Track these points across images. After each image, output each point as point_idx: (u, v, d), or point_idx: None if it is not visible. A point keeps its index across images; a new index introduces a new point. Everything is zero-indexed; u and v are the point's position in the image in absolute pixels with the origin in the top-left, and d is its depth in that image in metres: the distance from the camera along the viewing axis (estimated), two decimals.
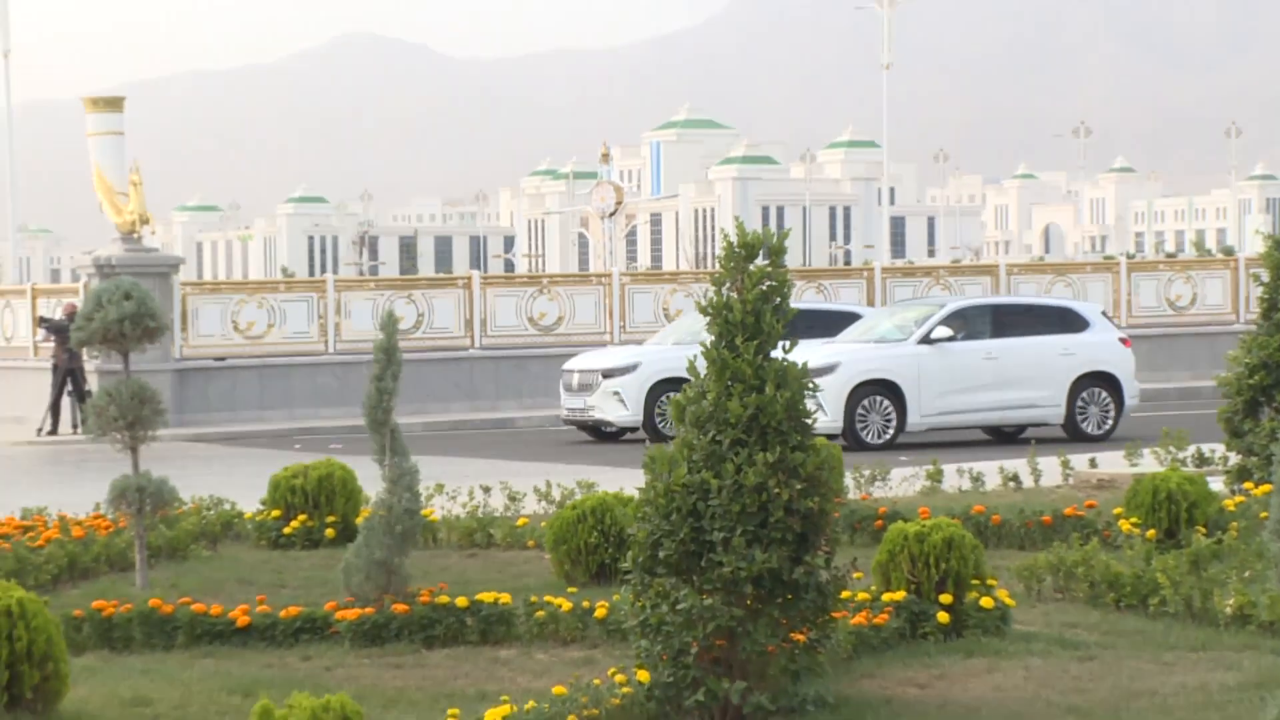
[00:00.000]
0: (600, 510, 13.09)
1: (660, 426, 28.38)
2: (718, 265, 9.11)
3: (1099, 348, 27.67)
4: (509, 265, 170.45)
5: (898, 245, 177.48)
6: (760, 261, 9.00)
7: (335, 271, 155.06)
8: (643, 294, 37.26)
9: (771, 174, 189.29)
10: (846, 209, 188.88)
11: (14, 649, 9.03)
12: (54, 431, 32.10)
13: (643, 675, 8.89)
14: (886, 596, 10.99)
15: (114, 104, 33.63)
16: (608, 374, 28.82)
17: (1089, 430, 27.13)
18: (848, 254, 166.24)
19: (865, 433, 26.29)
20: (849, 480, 16.86)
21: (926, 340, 26.73)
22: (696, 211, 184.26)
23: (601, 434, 29.24)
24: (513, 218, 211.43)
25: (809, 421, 8.90)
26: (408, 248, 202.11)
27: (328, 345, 34.72)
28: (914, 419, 26.47)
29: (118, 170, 32.77)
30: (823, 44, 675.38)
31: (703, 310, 9.08)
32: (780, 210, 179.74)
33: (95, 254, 33.75)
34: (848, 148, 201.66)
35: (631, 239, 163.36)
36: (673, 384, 28.19)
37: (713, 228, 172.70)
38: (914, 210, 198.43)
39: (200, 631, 11.26)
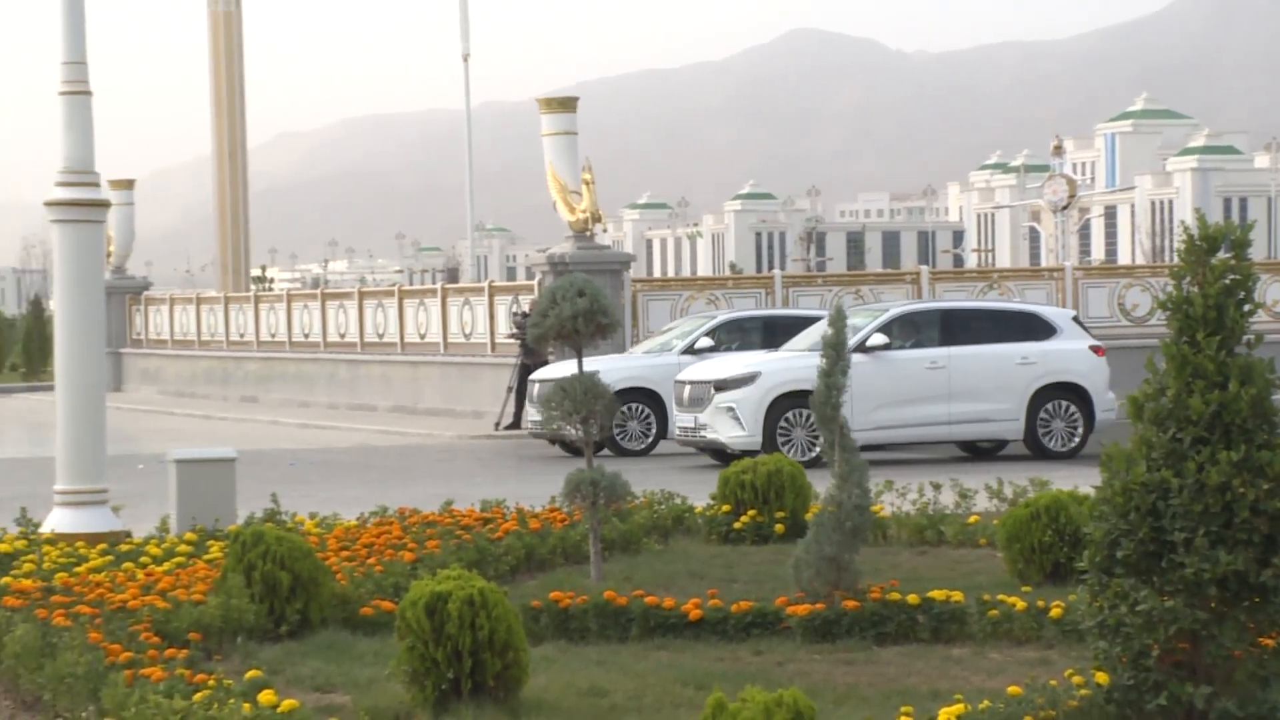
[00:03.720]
0: (1054, 508, 12.85)
1: (618, 438, 27.42)
2: (1176, 259, 8.82)
3: (1065, 357, 25.50)
4: (958, 260, 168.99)
5: None
6: (1222, 255, 8.68)
7: (782, 268, 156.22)
8: (1096, 289, 36.50)
9: (1234, 164, 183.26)
10: None
11: (476, 637, 9.26)
12: (514, 425, 32.91)
13: (1101, 677, 8.66)
14: None
15: (568, 104, 34.35)
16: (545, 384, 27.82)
17: (1053, 447, 25.16)
18: None
19: (788, 448, 24.64)
20: None
21: (861, 349, 24.81)
22: (1153, 204, 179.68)
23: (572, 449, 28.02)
24: (961, 212, 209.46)
25: (1277, 419, 8.55)
26: (855, 243, 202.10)
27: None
28: None
29: (571, 169, 33.47)
30: None
31: (1162, 305, 8.79)
32: (1243, 201, 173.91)
33: (549, 252, 34.54)
34: None
35: (1084, 233, 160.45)
36: (628, 394, 27.22)
37: (1170, 220, 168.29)
38: None
39: (654, 624, 11.39)
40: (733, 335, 28.72)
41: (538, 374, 28.97)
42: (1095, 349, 26.11)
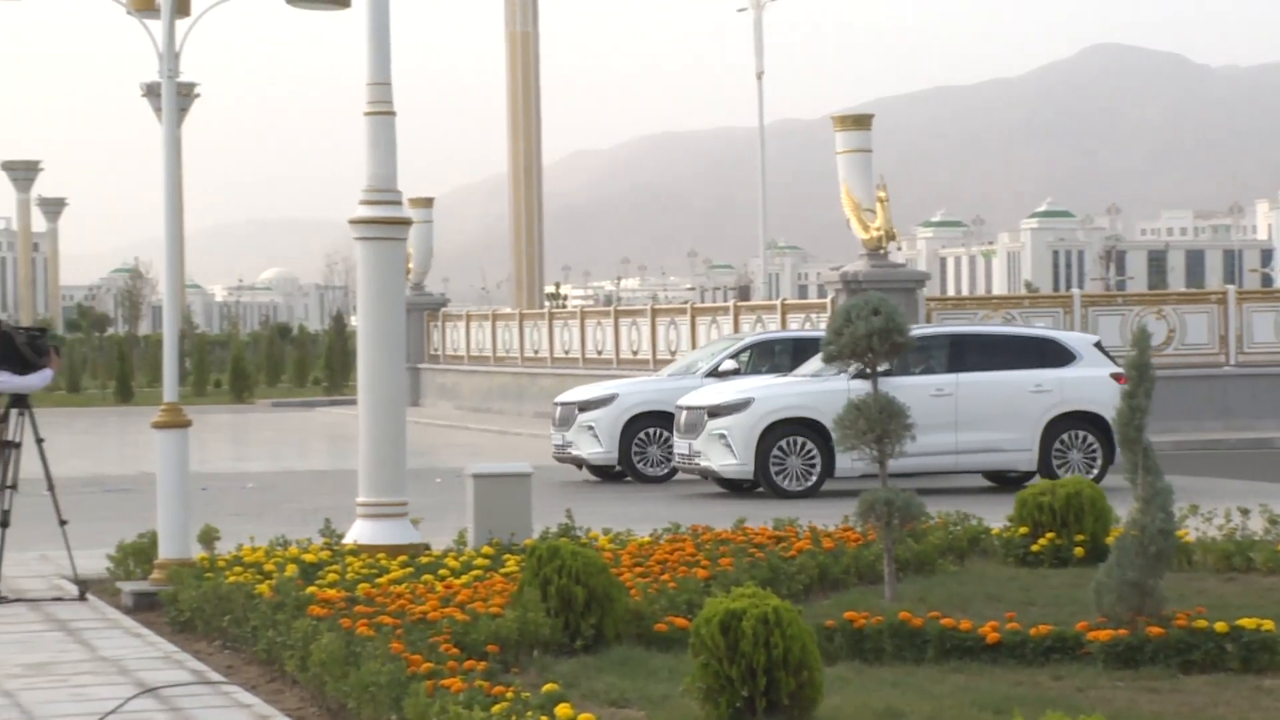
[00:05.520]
0: None
1: (637, 464, 26.92)
2: None
3: (1083, 385, 24.08)
4: (1266, 280, 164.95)
5: None
6: None
7: (1080, 287, 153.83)
8: None
9: None
10: None
11: (770, 655, 9.22)
12: None
13: None
14: None
15: (862, 122, 34.20)
16: (584, 407, 27.45)
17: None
18: None
19: (782, 478, 23.66)
20: None
21: (861, 375, 23.70)
22: None
23: (601, 472, 27.73)
24: (1270, 230, 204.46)
25: None
26: (1156, 262, 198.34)
27: None
28: (843, 463, 23.39)
29: (865, 187, 33.30)
30: None
31: None
32: None
33: (843, 270, 34.40)
34: None
35: None
36: (650, 419, 26.76)
37: None
38: None
39: (949, 646, 11.23)
40: (763, 358, 27.68)
41: (561, 397, 28.82)
42: (1117, 377, 24.61)
